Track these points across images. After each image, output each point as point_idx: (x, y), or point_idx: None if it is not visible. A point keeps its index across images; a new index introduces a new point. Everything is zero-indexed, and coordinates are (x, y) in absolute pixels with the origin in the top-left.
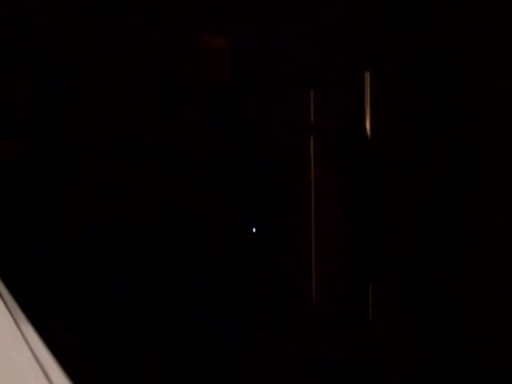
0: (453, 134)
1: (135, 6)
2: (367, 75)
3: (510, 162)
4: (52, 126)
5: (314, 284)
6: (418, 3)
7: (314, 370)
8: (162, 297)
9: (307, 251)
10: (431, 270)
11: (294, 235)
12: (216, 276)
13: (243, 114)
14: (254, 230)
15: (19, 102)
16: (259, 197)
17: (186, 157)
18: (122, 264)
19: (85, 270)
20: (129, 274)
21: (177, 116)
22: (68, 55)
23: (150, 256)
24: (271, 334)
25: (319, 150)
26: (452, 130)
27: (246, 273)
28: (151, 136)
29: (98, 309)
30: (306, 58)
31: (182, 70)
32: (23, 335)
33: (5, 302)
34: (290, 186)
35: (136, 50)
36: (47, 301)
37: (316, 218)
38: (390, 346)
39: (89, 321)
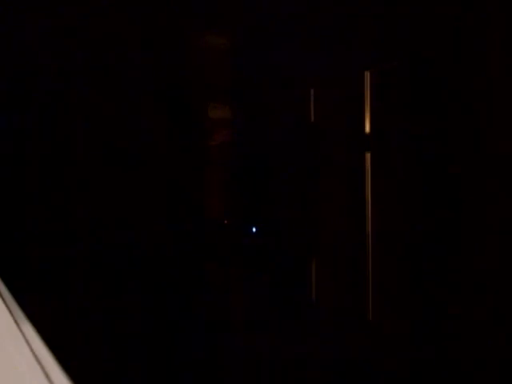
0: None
1: (135, 6)
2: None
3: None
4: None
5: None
6: (416, 3)
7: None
8: (162, 297)
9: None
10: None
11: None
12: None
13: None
14: (254, 229)
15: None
16: None
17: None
18: (121, 264)
19: (85, 271)
20: (128, 274)
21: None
22: (66, 57)
23: (151, 257)
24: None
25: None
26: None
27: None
28: (157, 139)
29: (97, 309)
30: (306, 58)
31: (183, 70)
32: (23, 335)
33: (5, 302)
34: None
35: (136, 50)
36: (48, 301)
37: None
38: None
39: (89, 321)
